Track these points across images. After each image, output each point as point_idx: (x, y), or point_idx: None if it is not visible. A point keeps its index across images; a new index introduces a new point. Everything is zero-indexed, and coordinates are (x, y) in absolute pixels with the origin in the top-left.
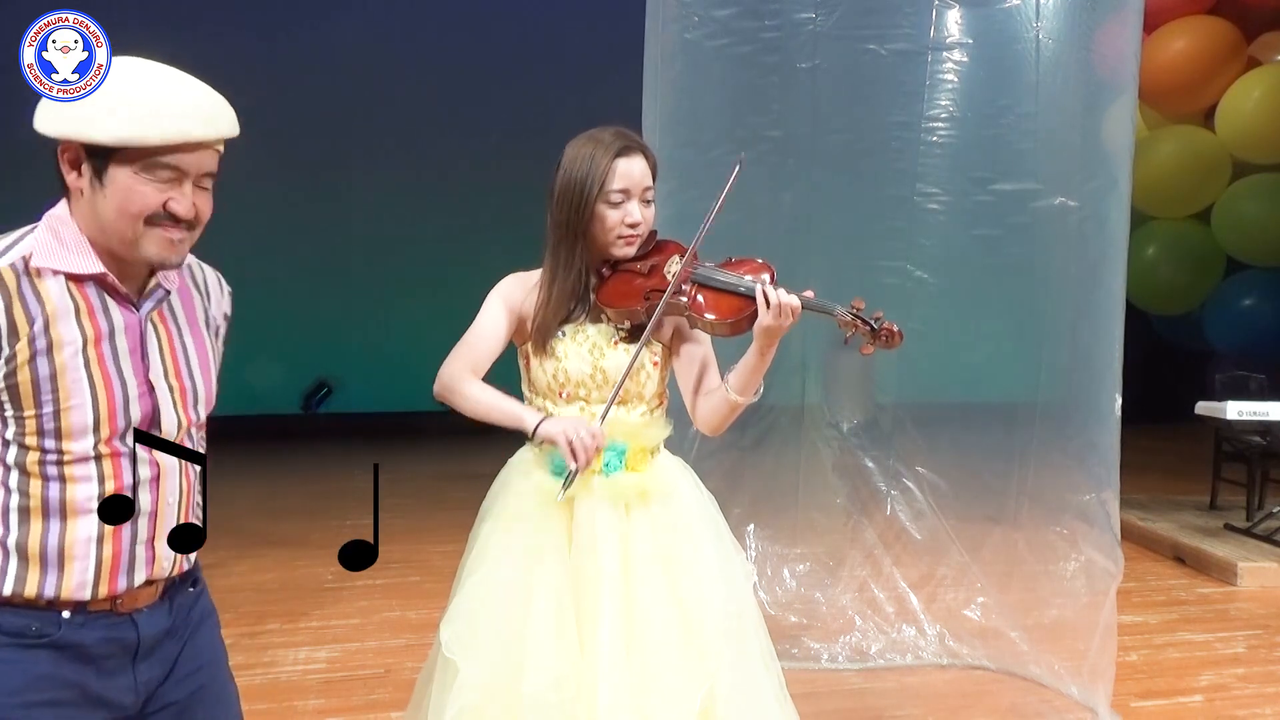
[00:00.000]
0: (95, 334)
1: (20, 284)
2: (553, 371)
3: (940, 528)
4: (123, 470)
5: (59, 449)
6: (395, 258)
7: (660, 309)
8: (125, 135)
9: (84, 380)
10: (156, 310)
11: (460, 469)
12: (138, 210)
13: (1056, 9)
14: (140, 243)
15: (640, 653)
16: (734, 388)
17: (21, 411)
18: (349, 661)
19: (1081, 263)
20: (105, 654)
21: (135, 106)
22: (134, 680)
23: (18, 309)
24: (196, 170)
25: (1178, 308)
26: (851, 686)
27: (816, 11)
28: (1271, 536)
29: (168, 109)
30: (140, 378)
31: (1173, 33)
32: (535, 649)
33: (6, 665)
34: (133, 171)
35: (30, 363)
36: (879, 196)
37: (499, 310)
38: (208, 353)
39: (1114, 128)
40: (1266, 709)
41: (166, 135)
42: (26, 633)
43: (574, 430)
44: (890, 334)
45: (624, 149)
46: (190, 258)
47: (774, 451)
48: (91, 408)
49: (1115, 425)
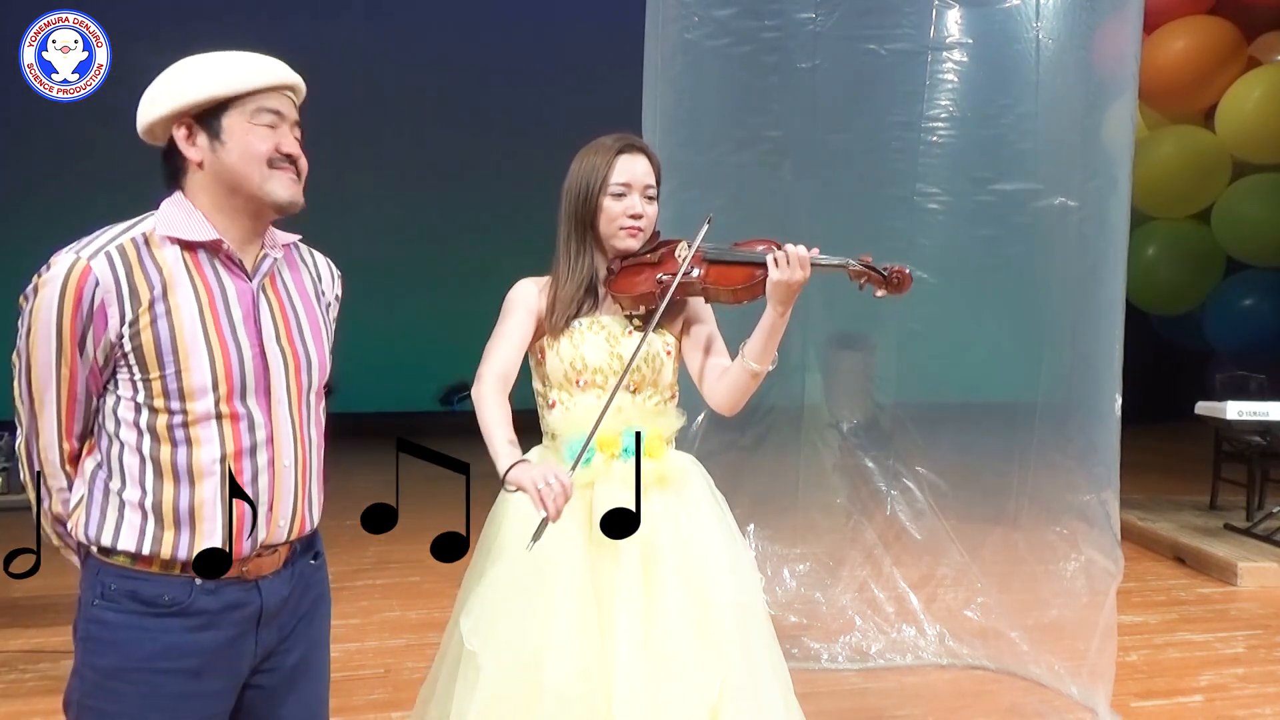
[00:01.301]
0: (209, 299)
1: (140, 254)
2: (570, 360)
3: (940, 528)
4: (241, 432)
5: (184, 409)
6: (395, 257)
7: (673, 288)
8: (228, 86)
9: (201, 341)
10: (269, 279)
11: None
12: (260, 152)
13: (1056, 9)
14: (267, 186)
15: (658, 642)
16: (751, 355)
17: (148, 374)
18: (349, 661)
19: (1081, 263)
20: (232, 620)
21: (228, 65)
22: (255, 646)
23: (139, 275)
24: (290, 115)
25: (1178, 308)
26: (851, 686)
27: (816, 11)
28: (1271, 536)
29: (254, 62)
30: (254, 341)
31: (1173, 33)
32: (557, 640)
33: (139, 632)
34: (244, 120)
35: (152, 325)
36: (879, 196)
37: (520, 312)
38: (319, 324)
39: (1114, 128)
40: (1266, 709)
41: (264, 78)
42: (159, 602)
43: (544, 479)
44: (901, 277)
45: (626, 147)
46: (297, 240)
47: (774, 451)
48: (209, 367)
49: (1115, 425)
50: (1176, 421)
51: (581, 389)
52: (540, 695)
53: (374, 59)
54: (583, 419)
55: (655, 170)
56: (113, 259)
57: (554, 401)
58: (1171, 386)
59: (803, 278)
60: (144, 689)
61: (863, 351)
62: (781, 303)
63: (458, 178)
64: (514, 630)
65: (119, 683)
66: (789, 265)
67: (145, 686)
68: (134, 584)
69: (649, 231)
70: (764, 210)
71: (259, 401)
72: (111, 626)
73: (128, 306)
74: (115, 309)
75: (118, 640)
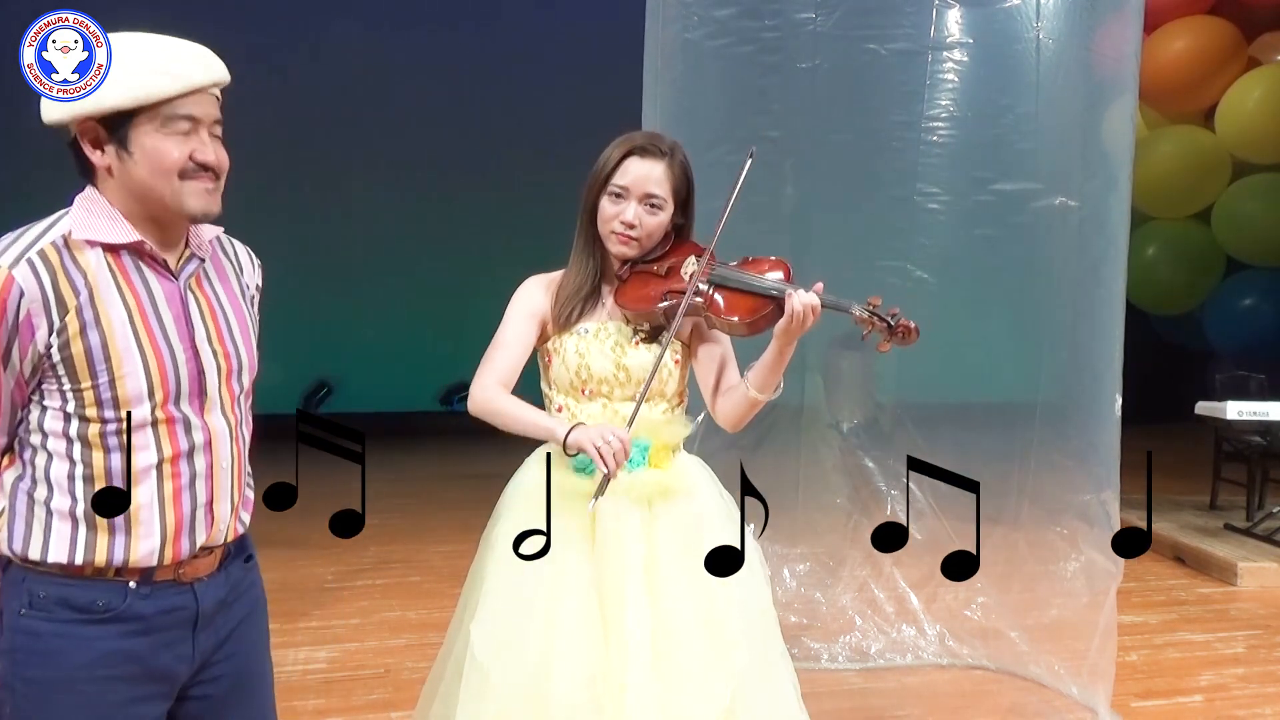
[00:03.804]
0: (137, 302)
1: (63, 259)
2: (575, 368)
3: (940, 528)
4: (178, 435)
5: (117, 417)
6: (395, 257)
7: (681, 311)
8: (138, 95)
9: (134, 348)
10: (195, 279)
11: (460, 469)
12: (170, 165)
13: (1056, 9)
14: (180, 198)
15: (667, 650)
16: (754, 385)
17: (79, 384)
18: (349, 661)
19: (1081, 263)
20: (168, 625)
21: (137, 68)
22: (192, 650)
23: (64, 282)
24: (208, 117)
25: (1178, 308)
26: (851, 686)
27: (816, 11)
28: (1271, 536)
29: (167, 64)
30: (186, 344)
31: (1173, 33)
32: (564, 649)
33: (74, 641)
34: (154, 129)
35: (81, 334)
36: (879, 196)
37: (522, 317)
38: (246, 321)
39: (1114, 128)
40: (1266, 709)
41: (175, 86)
42: (93, 608)
43: (602, 437)
44: (907, 330)
45: (639, 149)
46: (220, 234)
47: (774, 451)
48: (144, 374)
49: (1115, 425)
50: (1176, 421)
51: (588, 398)
52: (548, 705)
53: (373, 59)
54: None
55: (674, 178)
56: (35, 266)
57: (560, 406)
58: (1171, 386)
59: (811, 324)
60: (81, 699)
61: (863, 351)
62: (786, 343)
63: (458, 178)
64: (523, 641)
65: (55, 693)
66: (803, 316)
67: (82, 697)
68: (65, 591)
69: (646, 243)
70: (764, 210)
71: (193, 404)
72: (43, 636)
73: (55, 315)
74: (42, 319)
75: (50, 650)
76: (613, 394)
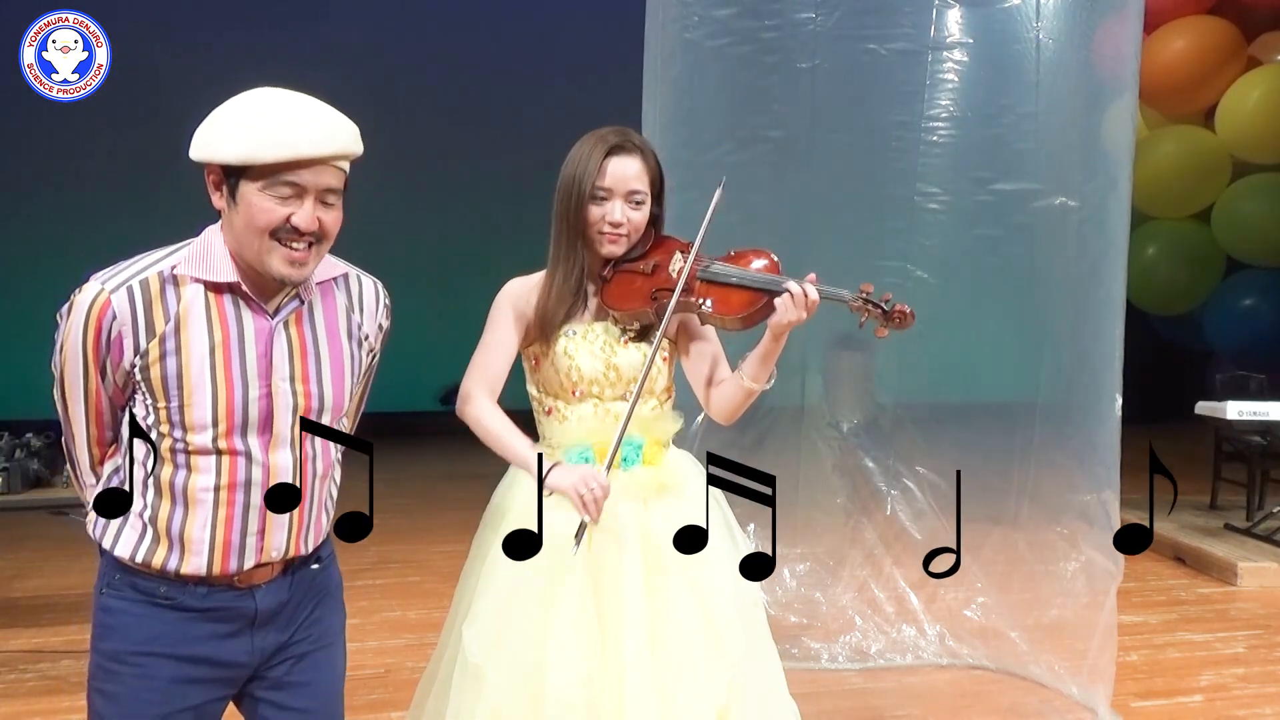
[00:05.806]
0: (224, 337)
1: (164, 289)
2: (565, 370)
3: (940, 528)
4: (238, 466)
5: (184, 439)
6: (394, 257)
7: (670, 309)
8: (243, 155)
9: (207, 379)
10: (294, 316)
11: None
12: (262, 224)
13: (1056, 9)
14: (266, 258)
15: (664, 647)
16: (748, 375)
17: (156, 401)
18: (349, 661)
19: (1081, 263)
20: (224, 619)
21: (254, 129)
22: (251, 645)
23: (157, 311)
24: (315, 186)
25: (1178, 308)
26: (851, 686)
27: (816, 11)
28: (1271, 536)
29: (282, 130)
30: (263, 381)
31: (1173, 33)
32: (559, 647)
33: (135, 618)
34: (257, 188)
35: (161, 360)
36: (879, 196)
37: (505, 320)
38: (343, 361)
39: (1114, 128)
40: (1266, 709)
41: (277, 154)
42: (155, 594)
43: (585, 483)
44: (903, 315)
45: (617, 147)
46: (352, 269)
47: (774, 451)
48: (210, 405)
49: (1115, 425)
50: (1176, 421)
51: (578, 399)
52: (543, 704)
53: (373, 59)
54: (580, 430)
55: (650, 170)
56: (133, 293)
57: (550, 408)
58: (1171, 386)
59: (807, 317)
60: (138, 671)
61: (863, 351)
62: (781, 335)
63: (457, 177)
64: (516, 641)
65: (117, 665)
66: (796, 308)
67: (139, 669)
68: (133, 577)
69: (634, 236)
70: (764, 210)
71: (260, 439)
72: (114, 612)
73: (141, 339)
74: (130, 341)
75: (117, 625)
76: (603, 394)
